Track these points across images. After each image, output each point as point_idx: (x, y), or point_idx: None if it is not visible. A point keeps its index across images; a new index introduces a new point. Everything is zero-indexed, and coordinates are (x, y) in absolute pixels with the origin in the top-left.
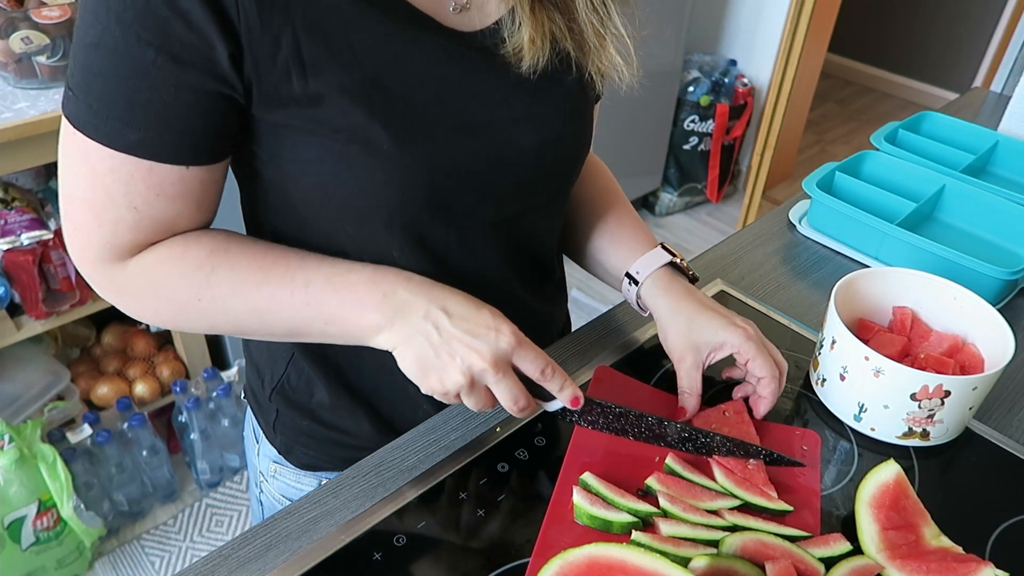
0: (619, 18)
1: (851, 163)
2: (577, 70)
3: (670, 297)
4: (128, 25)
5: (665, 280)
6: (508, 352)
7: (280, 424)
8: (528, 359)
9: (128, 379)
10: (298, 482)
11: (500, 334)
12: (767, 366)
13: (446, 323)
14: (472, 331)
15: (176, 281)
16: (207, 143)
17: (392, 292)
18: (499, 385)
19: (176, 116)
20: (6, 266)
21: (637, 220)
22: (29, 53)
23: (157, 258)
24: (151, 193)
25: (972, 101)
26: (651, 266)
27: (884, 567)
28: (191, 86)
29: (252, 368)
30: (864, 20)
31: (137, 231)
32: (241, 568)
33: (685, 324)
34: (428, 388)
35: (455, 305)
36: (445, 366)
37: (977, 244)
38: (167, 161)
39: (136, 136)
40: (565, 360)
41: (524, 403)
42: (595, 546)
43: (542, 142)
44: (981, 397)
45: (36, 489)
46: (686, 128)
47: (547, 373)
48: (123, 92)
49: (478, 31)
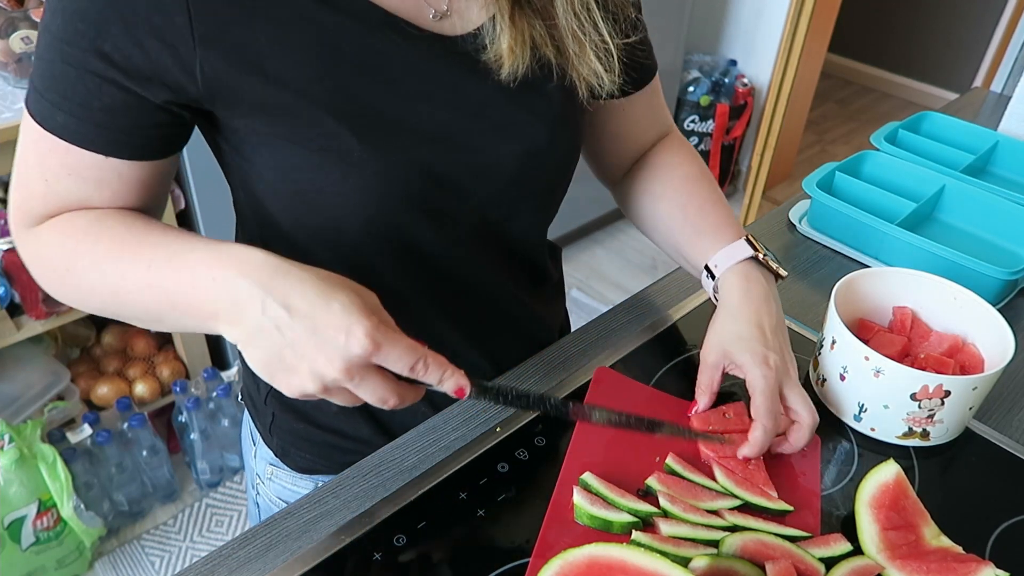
0: (604, 25)
1: (851, 163)
2: (559, 77)
3: (736, 296)
4: (70, 16)
5: (738, 277)
6: (363, 356)
7: (276, 427)
8: (391, 359)
9: (128, 379)
10: (294, 485)
11: (351, 336)
12: (763, 416)
13: (287, 321)
14: (318, 333)
15: (53, 250)
16: (128, 140)
17: (224, 278)
18: (359, 389)
19: (98, 108)
20: (6, 266)
21: (723, 206)
22: (29, 53)
23: (46, 228)
24: (63, 171)
25: (972, 101)
26: (730, 260)
27: (884, 567)
28: (116, 83)
29: (247, 371)
30: (864, 20)
31: (45, 202)
32: (241, 568)
33: (732, 327)
34: (284, 389)
35: (298, 299)
36: (292, 370)
37: (977, 244)
38: (83, 147)
39: (61, 119)
40: (565, 360)
41: (394, 401)
42: (595, 546)
43: (524, 150)
44: (981, 397)
45: (36, 489)
46: (686, 128)
47: (418, 369)
48: (55, 75)
49: (458, 37)
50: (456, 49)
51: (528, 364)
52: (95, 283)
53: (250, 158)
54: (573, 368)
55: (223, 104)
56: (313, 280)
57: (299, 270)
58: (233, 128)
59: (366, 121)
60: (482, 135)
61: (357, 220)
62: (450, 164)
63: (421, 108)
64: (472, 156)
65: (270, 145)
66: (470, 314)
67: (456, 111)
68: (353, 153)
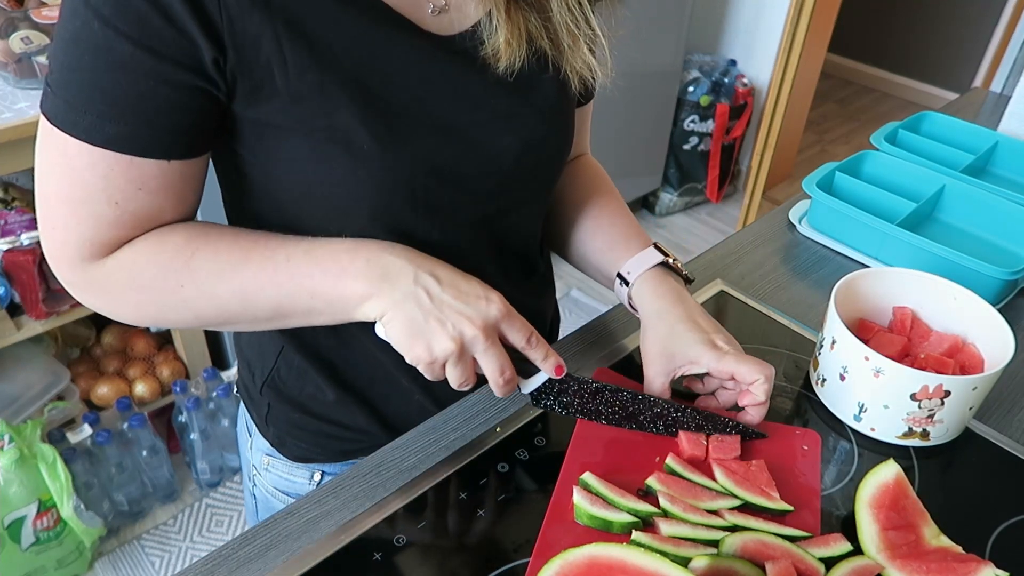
0: (596, 19)
1: (851, 163)
2: (555, 70)
3: (657, 300)
4: (107, 19)
5: (655, 281)
6: (497, 320)
7: (272, 417)
8: (515, 328)
9: (128, 379)
10: (291, 474)
11: (490, 302)
12: (754, 369)
13: (436, 289)
14: (462, 298)
15: (157, 271)
16: (186, 137)
17: (376, 258)
18: (487, 353)
19: (154, 110)
20: (6, 266)
21: (630, 218)
22: (29, 53)
23: (135, 251)
24: (132, 187)
25: (972, 101)
26: (642, 266)
27: (884, 567)
28: (169, 80)
29: (243, 362)
30: (864, 20)
31: (119, 227)
32: (241, 568)
33: (665, 330)
34: (415, 356)
35: (444, 271)
36: (435, 332)
37: (977, 244)
38: (147, 155)
39: (115, 130)
40: (565, 360)
41: (509, 374)
42: (595, 546)
43: (522, 143)
44: (981, 397)
45: (36, 489)
46: (686, 128)
47: (532, 342)
48: (101, 86)
49: (456, 34)
50: (454, 47)
51: None
52: (217, 291)
53: (258, 151)
54: (573, 368)
55: (241, 93)
56: (448, 268)
57: (428, 255)
58: (247, 119)
59: (375, 114)
60: (482, 128)
61: (361, 212)
62: (453, 157)
63: (425, 101)
64: (473, 149)
65: (281, 136)
66: None
67: (457, 105)
68: (362, 146)
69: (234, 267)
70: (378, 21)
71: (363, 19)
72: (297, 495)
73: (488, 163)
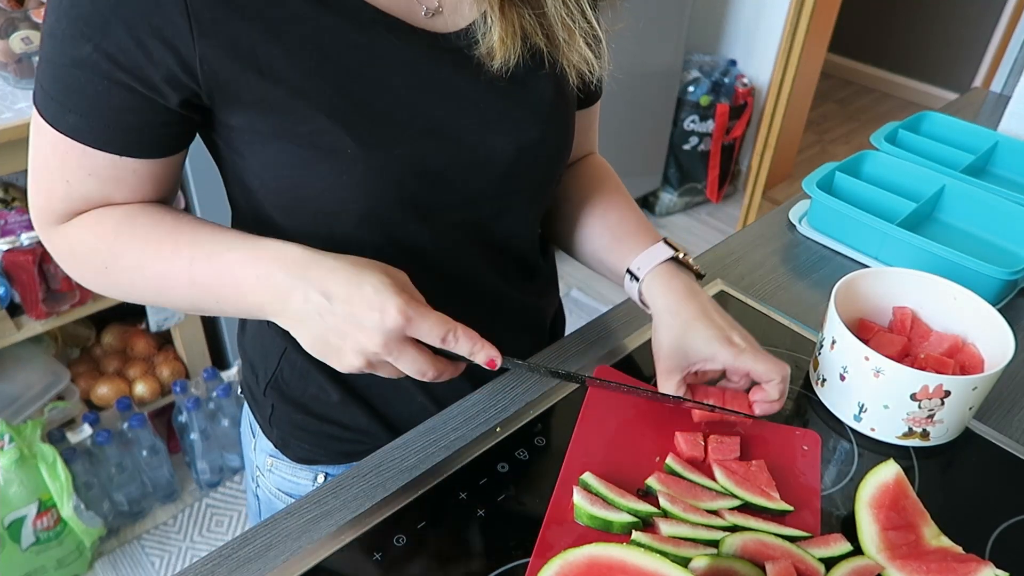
0: (592, 12)
1: (851, 163)
2: (551, 68)
3: (670, 296)
4: (74, 19)
5: (666, 276)
6: (398, 330)
7: (276, 418)
8: (424, 330)
9: (128, 379)
10: (294, 475)
11: (384, 313)
12: (772, 368)
13: (327, 306)
14: (356, 313)
15: (88, 248)
16: (140, 139)
17: (267, 275)
18: (400, 361)
19: (108, 109)
20: (6, 266)
21: (639, 214)
22: (29, 53)
23: (76, 226)
24: (83, 173)
25: (972, 101)
26: (653, 261)
27: (884, 567)
28: (124, 85)
29: (247, 363)
30: (864, 20)
31: (68, 202)
32: (241, 568)
33: (680, 327)
34: (334, 367)
35: (334, 285)
36: (338, 349)
37: (977, 244)
38: (98, 148)
39: (73, 120)
40: (565, 360)
41: (433, 373)
42: (595, 546)
43: (516, 144)
44: (981, 397)
45: (36, 489)
46: (686, 128)
47: (450, 340)
48: (63, 78)
49: (451, 33)
50: (448, 45)
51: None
52: (137, 280)
53: (245, 155)
54: (573, 368)
55: (221, 101)
56: (346, 266)
57: (332, 259)
58: (230, 125)
59: (358, 118)
60: (474, 130)
61: (350, 216)
62: (443, 160)
63: (413, 104)
64: (464, 151)
65: (265, 142)
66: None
67: (448, 107)
68: (346, 150)
69: (148, 258)
70: (363, 26)
71: (349, 24)
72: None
73: (481, 166)
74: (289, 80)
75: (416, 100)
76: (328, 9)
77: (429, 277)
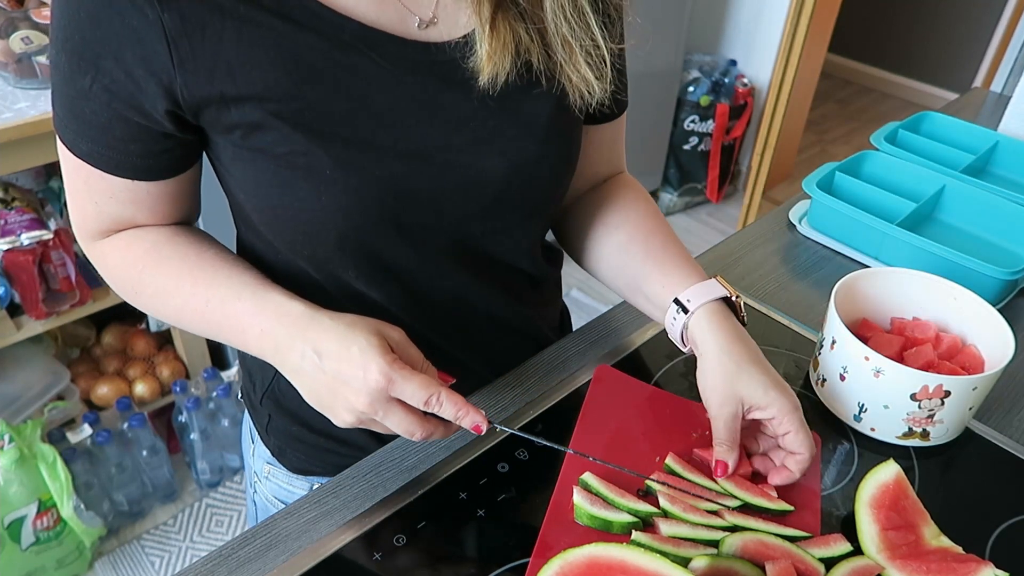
0: (598, 29)
1: (851, 163)
2: (548, 84)
3: (722, 335)
4: (70, 53)
5: (719, 316)
6: (381, 390)
7: (272, 427)
8: (407, 393)
9: (128, 379)
10: (290, 484)
11: (367, 373)
12: (806, 444)
13: (318, 363)
14: (343, 372)
15: (118, 272)
16: (146, 164)
17: (269, 330)
18: (387, 420)
19: (112, 137)
20: (6, 266)
21: (684, 247)
22: (29, 53)
23: (111, 247)
24: (105, 195)
25: (972, 101)
26: (706, 296)
27: (884, 567)
28: (121, 115)
29: (245, 371)
30: (864, 20)
31: (99, 221)
32: (241, 568)
33: (734, 369)
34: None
35: (326, 344)
36: (332, 406)
37: (977, 244)
38: (112, 173)
39: (86, 147)
40: (565, 360)
41: (421, 433)
42: (595, 546)
43: (510, 164)
44: (981, 397)
45: (36, 489)
46: (686, 128)
47: (432, 404)
48: (72, 108)
49: (445, 43)
50: (443, 58)
51: (528, 364)
52: (159, 308)
53: (232, 171)
54: (573, 368)
55: (206, 123)
56: (339, 326)
57: (329, 318)
58: (216, 143)
59: (337, 139)
60: (464, 150)
61: (330, 236)
62: (428, 181)
63: (397, 124)
64: (452, 172)
65: (246, 161)
66: (460, 323)
67: (435, 126)
68: (325, 171)
69: (169, 293)
70: (344, 45)
71: (326, 44)
72: None
73: (471, 186)
74: (266, 102)
75: (401, 120)
76: (304, 28)
77: (419, 296)
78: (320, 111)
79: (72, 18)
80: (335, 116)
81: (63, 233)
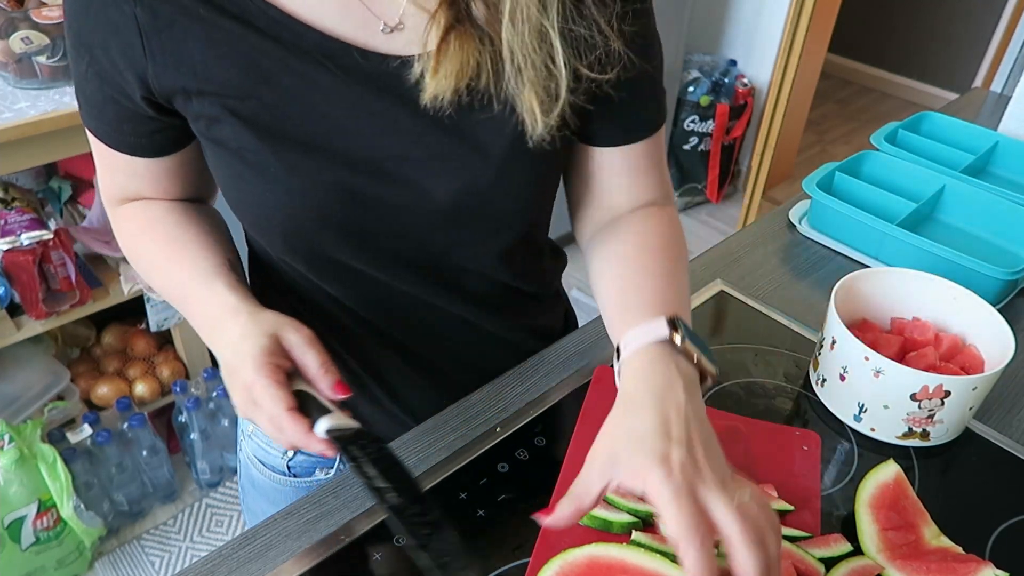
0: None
1: (851, 163)
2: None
3: (632, 384)
4: (72, 38)
5: (643, 361)
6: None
7: None
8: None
9: (128, 379)
10: (268, 446)
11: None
12: (679, 528)
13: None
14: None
15: (124, 239)
16: (139, 141)
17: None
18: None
19: (108, 116)
20: (6, 266)
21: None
22: (29, 53)
23: (124, 215)
24: (113, 167)
25: (972, 101)
26: (640, 340)
27: (884, 567)
28: (112, 98)
29: None
30: (864, 20)
31: (115, 189)
32: (241, 568)
33: (624, 424)
34: None
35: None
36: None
37: (977, 244)
38: (116, 149)
39: (93, 124)
40: (566, 360)
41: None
42: (595, 546)
43: (461, 185)
44: (981, 397)
45: (36, 489)
46: (686, 128)
47: (276, 423)
48: (81, 88)
49: (407, 57)
50: (401, 72)
51: (528, 364)
52: (153, 281)
53: (207, 156)
54: (573, 368)
55: (179, 109)
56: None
57: (246, 314)
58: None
59: (287, 141)
60: (413, 167)
61: (275, 232)
62: (373, 192)
63: (348, 133)
64: (403, 185)
65: (210, 149)
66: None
67: (388, 138)
68: (270, 169)
69: (156, 268)
70: (303, 53)
71: (283, 51)
72: (272, 467)
73: (420, 201)
74: (223, 99)
75: (354, 129)
76: (267, 36)
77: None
78: (273, 113)
79: (72, 7)
80: (287, 119)
81: (63, 233)
